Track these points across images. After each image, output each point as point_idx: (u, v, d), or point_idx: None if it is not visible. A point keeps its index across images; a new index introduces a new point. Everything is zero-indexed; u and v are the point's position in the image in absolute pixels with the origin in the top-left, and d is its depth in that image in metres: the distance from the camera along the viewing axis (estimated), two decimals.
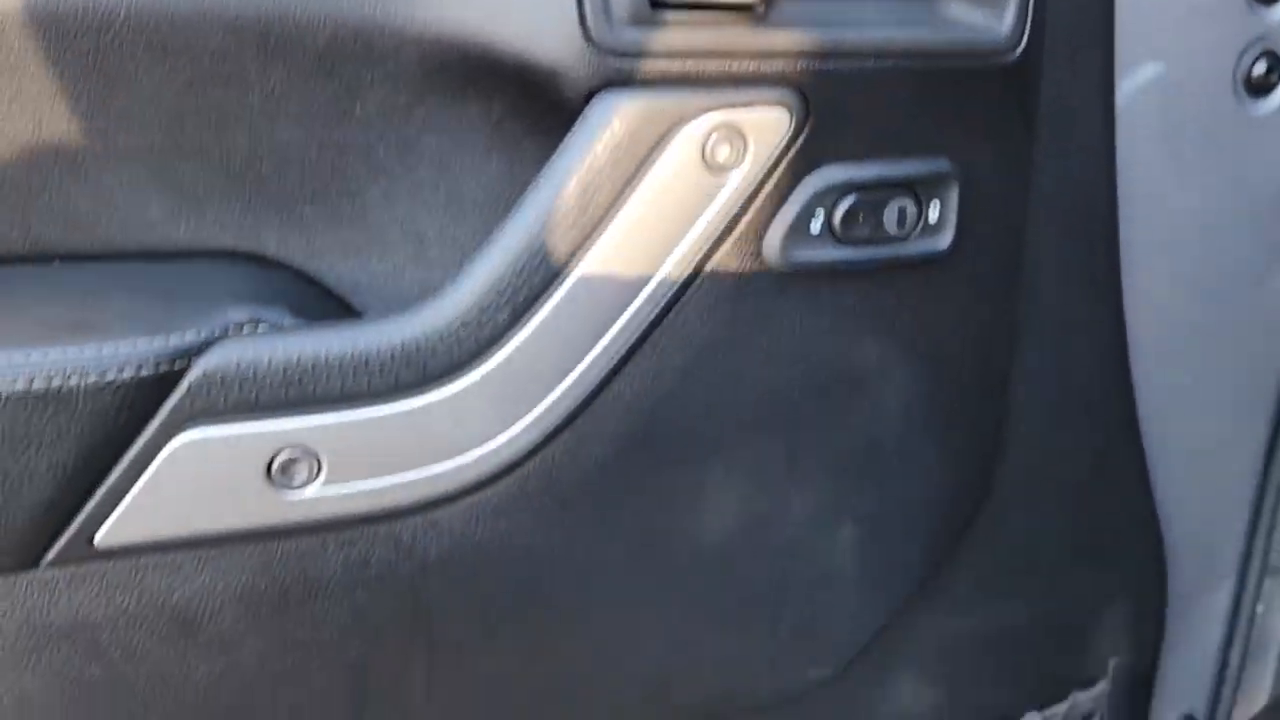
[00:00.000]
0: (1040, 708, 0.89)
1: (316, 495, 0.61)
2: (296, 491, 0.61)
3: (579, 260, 0.62)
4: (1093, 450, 0.83)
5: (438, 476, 0.63)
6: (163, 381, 0.57)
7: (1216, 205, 0.82)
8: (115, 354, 0.56)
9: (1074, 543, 0.85)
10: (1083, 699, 0.91)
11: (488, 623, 0.68)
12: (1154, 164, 0.79)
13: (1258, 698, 1.08)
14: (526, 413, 0.64)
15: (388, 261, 0.68)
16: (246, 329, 0.60)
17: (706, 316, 0.65)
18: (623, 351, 0.65)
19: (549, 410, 0.64)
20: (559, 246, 0.61)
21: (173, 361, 0.57)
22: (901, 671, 0.84)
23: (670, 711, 0.76)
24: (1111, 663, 0.91)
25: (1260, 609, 1.05)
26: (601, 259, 0.62)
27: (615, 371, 0.65)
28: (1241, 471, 0.93)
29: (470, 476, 0.64)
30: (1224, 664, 0.99)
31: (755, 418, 0.69)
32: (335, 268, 0.67)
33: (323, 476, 0.61)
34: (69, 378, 0.55)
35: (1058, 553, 0.85)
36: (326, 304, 0.66)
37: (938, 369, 0.73)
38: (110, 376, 0.56)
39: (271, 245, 0.67)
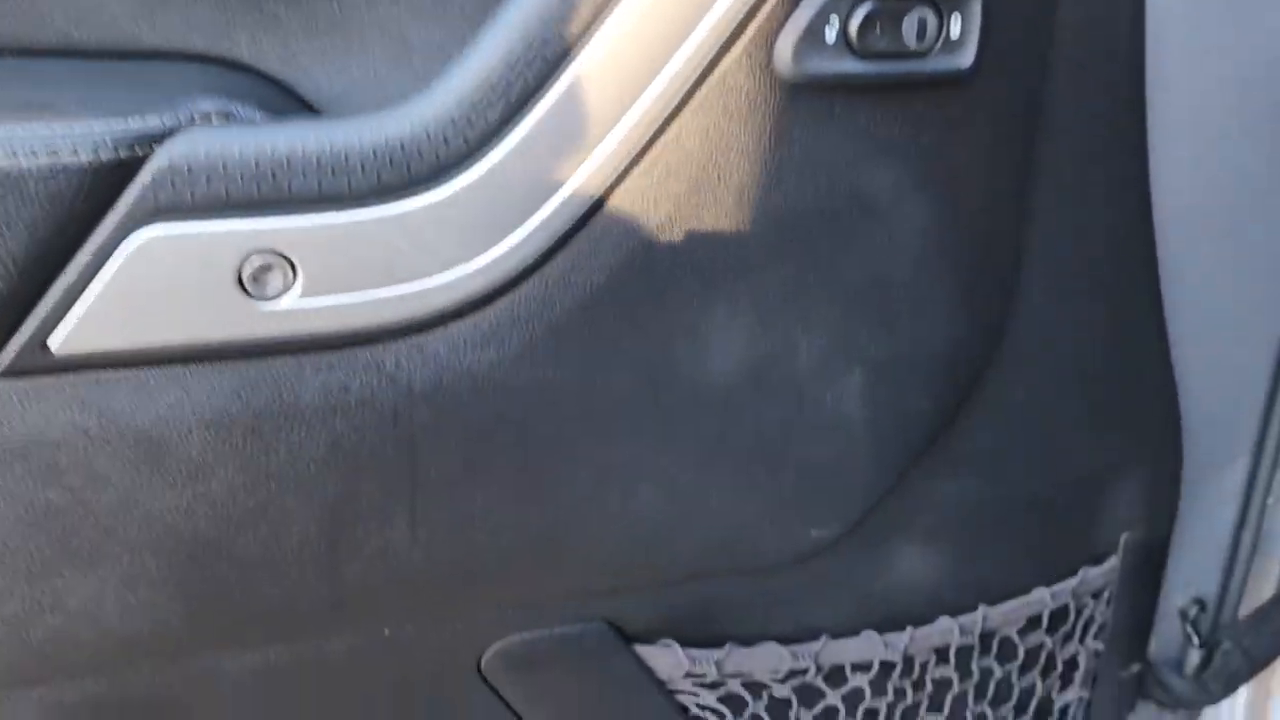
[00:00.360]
0: (1049, 583, 0.86)
1: (292, 307, 0.57)
2: (270, 302, 0.57)
3: (575, 56, 0.57)
4: (1111, 309, 0.79)
5: (423, 294, 0.59)
6: (123, 168, 0.52)
7: (1249, 55, 0.78)
8: (71, 135, 0.51)
9: (1089, 407, 0.81)
10: (1093, 575, 0.87)
11: (475, 459, 0.64)
12: (1183, 8, 0.75)
13: (1266, 588, 1.06)
14: (517, 226, 0.59)
15: (368, 69, 0.63)
16: (216, 120, 0.55)
17: (711, 128, 0.61)
18: (622, 164, 0.60)
19: (542, 226, 0.60)
20: (555, 39, 0.56)
21: (134, 147, 0.52)
22: (906, 540, 0.81)
23: (667, 565, 0.72)
24: (1123, 538, 0.88)
25: (1271, 500, 1.03)
26: (600, 57, 0.57)
27: (613, 186, 0.61)
28: (1261, 345, 0.89)
29: (458, 297, 0.60)
30: (1235, 549, 0.96)
31: (761, 245, 0.65)
32: (312, 75, 0.63)
33: (298, 287, 0.57)
34: (19, 158, 0.50)
35: (1072, 417, 0.81)
36: (302, 111, 0.62)
37: (952, 203, 0.69)
38: (65, 159, 0.51)
39: (244, 49, 0.62)
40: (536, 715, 0.75)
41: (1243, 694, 1.03)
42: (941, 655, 0.84)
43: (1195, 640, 0.95)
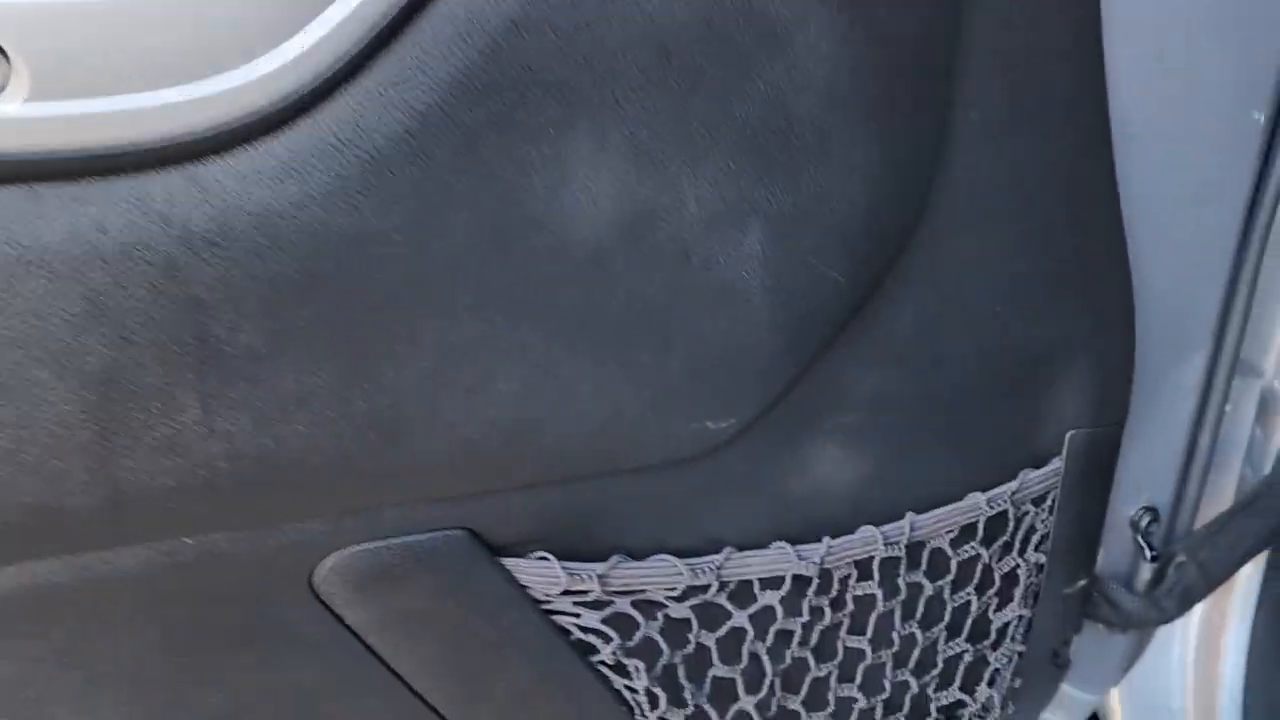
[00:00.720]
0: (984, 488, 0.76)
1: (13, 114, 0.44)
2: None
3: None
4: (1058, 161, 0.68)
5: (193, 105, 0.47)
6: None
7: None
8: None
9: (1030, 280, 0.71)
10: (1034, 478, 0.77)
11: (282, 328, 0.52)
12: None
13: (1223, 499, 0.97)
14: (313, 18, 0.47)
15: None
16: None
17: None
18: None
19: (348, 20, 0.47)
20: None
21: None
22: (821, 437, 0.70)
23: (535, 462, 0.60)
24: (1069, 437, 0.77)
25: (1229, 408, 0.93)
26: None
27: None
28: (1223, 217, 0.79)
29: (241, 111, 0.48)
30: (1191, 451, 0.86)
31: (633, 65, 0.53)
32: None
33: (20, 89, 0.44)
34: None
35: (1010, 292, 0.70)
36: None
37: (864, 26, 0.57)
38: None
39: None
40: (382, 640, 0.64)
41: (1197, 612, 0.94)
42: (863, 569, 0.73)
43: (1147, 552, 0.85)
